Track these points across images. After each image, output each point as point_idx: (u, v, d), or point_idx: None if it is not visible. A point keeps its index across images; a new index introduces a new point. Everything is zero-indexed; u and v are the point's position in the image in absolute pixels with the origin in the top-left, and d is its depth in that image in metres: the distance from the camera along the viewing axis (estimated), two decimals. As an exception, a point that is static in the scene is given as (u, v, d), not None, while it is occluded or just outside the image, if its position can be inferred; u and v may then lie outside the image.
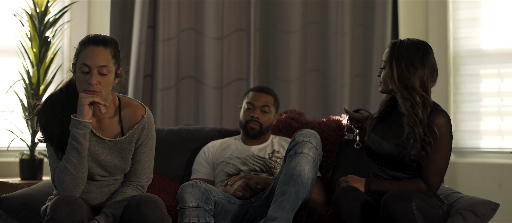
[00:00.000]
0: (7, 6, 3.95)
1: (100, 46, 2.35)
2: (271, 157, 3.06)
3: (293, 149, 2.55)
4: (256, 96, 3.15)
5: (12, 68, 3.93)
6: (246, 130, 3.13)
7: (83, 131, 2.32)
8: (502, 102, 4.18)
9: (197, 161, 3.20)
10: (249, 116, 3.11)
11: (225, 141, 3.23)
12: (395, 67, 2.55)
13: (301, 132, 2.60)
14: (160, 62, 4.01)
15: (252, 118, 3.10)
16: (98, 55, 2.33)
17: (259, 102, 3.12)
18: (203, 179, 3.12)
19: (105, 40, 2.38)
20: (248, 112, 3.13)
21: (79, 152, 2.33)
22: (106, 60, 2.34)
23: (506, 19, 4.18)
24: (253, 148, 3.12)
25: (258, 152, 3.10)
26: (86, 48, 2.35)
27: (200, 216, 2.43)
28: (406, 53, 2.55)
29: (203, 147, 3.25)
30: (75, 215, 2.22)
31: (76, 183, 2.35)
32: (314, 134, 2.60)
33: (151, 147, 2.53)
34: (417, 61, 2.54)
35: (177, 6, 4.05)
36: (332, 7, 4.20)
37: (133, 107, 2.51)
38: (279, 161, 3.05)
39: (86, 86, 2.32)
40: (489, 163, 4.11)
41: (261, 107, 3.11)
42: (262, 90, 3.18)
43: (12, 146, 3.78)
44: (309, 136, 2.57)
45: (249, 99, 3.14)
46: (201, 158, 3.20)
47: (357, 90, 4.28)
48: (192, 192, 2.45)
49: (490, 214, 2.60)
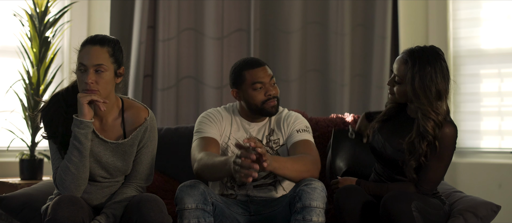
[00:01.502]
0: (7, 6, 3.94)
1: (96, 45, 2.37)
2: (268, 141, 2.82)
3: (301, 214, 2.41)
4: (259, 73, 2.75)
5: (12, 68, 3.93)
6: (266, 111, 2.77)
7: (85, 131, 2.32)
8: (502, 102, 4.18)
9: (201, 123, 2.80)
10: (264, 95, 2.74)
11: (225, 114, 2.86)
12: (418, 89, 2.49)
13: (306, 188, 2.43)
14: (160, 62, 4.01)
15: (270, 97, 2.74)
16: (94, 54, 2.35)
17: (267, 77, 2.75)
18: (213, 138, 2.75)
19: (103, 39, 2.40)
20: (261, 92, 2.74)
21: (81, 151, 2.33)
22: (102, 59, 2.35)
23: (506, 19, 4.18)
24: (253, 128, 2.84)
25: (257, 132, 2.83)
26: (83, 48, 2.38)
27: (200, 217, 2.41)
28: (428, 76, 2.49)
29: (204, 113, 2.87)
30: (76, 215, 2.22)
31: (77, 183, 2.35)
32: (321, 189, 2.44)
33: (152, 149, 2.53)
34: (439, 82, 2.50)
35: (177, 6, 4.04)
36: (332, 7, 4.20)
37: (136, 109, 2.51)
38: (275, 147, 2.81)
39: (83, 85, 2.34)
40: (489, 163, 4.11)
41: (270, 81, 2.76)
42: (259, 63, 2.79)
43: (12, 146, 3.78)
44: (317, 198, 2.41)
45: (255, 79, 2.73)
46: (206, 120, 2.81)
47: (357, 90, 4.29)
48: (191, 193, 2.43)
49: (491, 216, 2.60)
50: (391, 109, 2.71)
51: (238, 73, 2.77)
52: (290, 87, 4.14)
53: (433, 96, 2.48)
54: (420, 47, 2.56)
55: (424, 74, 2.48)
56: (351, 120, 3.36)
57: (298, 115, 2.86)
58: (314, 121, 3.34)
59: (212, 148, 2.68)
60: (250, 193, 2.75)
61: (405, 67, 2.53)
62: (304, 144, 2.73)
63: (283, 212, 2.57)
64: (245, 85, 2.75)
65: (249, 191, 2.75)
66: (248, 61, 2.80)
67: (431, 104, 2.48)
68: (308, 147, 2.72)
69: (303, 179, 2.50)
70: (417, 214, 2.40)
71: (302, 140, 2.73)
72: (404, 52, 2.58)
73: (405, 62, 2.53)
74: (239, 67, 2.78)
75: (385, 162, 2.65)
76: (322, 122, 3.36)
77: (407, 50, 2.57)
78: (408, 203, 2.39)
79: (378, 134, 2.69)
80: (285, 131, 2.81)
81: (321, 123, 3.35)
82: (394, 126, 2.67)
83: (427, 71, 2.48)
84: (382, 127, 2.71)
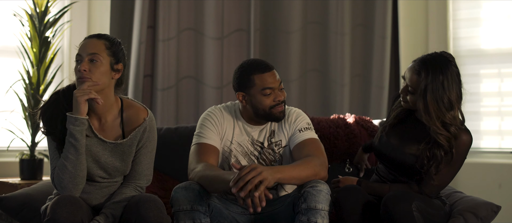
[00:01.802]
0: (7, 6, 3.94)
1: (93, 38, 2.42)
2: (270, 143, 2.77)
3: (306, 215, 2.38)
4: (269, 78, 2.65)
5: (12, 68, 3.93)
6: (274, 116, 2.69)
7: (80, 128, 2.33)
8: (502, 102, 4.18)
9: (203, 125, 2.73)
10: (273, 101, 2.66)
11: (226, 115, 2.79)
12: (430, 103, 2.49)
13: (312, 190, 2.40)
14: (160, 62, 4.00)
15: (278, 102, 2.66)
16: (89, 45, 2.39)
17: (276, 82, 2.67)
18: (213, 146, 2.68)
19: (100, 34, 2.46)
20: (269, 99, 2.65)
21: (77, 149, 2.33)
22: (97, 49, 2.39)
23: (506, 19, 4.18)
24: (255, 131, 2.77)
25: (258, 135, 2.76)
26: (81, 43, 2.43)
27: (196, 218, 2.39)
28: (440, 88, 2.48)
29: (207, 113, 2.79)
30: (75, 215, 2.22)
31: (75, 182, 2.35)
32: (326, 191, 2.41)
33: (151, 149, 2.53)
34: (451, 90, 2.50)
35: (177, 6, 4.04)
36: (332, 7, 4.20)
37: (135, 110, 2.51)
38: (277, 150, 2.75)
39: (77, 74, 2.37)
40: (489, 163, 4.11)
41: (278, 87, 2.68)
42: (269, 67, 2.68)
43: (12, 146, 3.78)
44: (322, 201, 2.38)
45: (265, 85, 2.64)
46: (208, 122, 2.74)
47: (357, 90, 4.29)
48: (186, 194, 2.41)
49: (491, 217, 2.60)
50: (400, 113, 2.70)
51: (246, 77, 2.66)
52: (290, 87, 4.14)
53: (445, 107, 2.48)
54: (431, 55, 2.56)
55: (436, 85, 2.48)
56: (352, 121, 3.35)
57: (299, 111, 2.79)
58: (316, 121, 3.33)
59: (210, 158, 2.62)
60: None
61: (418, 78, 2.52)
62: (309, 143, 2.65)
63: (285, 211, 2.55)
64: (254, 90, 2.65)
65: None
66: (257, 64, 2.67)
67: (444, 116, 2.48)
68: (314, 146, 2.65)
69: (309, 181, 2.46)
70: (418, 214, 2.39)
71: (306, 139, 2.66)
72: (416, 62, 2.56)
73: (418, 73, 2.52)
74: (248, 70, 2.67)
75: (393, 165, 2.65)
76: (323, 122, 3.35)
77: (419, 59, 2.56)
78: (409, 203, 2.38)
79: (387, 137, 2.68)
80: (287, 131, 2.75)
81: (323, 123, 3.34)
82: (405, 130, 2.66)
83: (439, 81, 2.48)
84: (391, 130, 2.70)
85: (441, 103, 2.47)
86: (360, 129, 3.33)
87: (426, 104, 2.48)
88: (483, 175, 4.06)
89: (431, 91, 2.48)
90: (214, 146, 2.67)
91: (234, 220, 2.60)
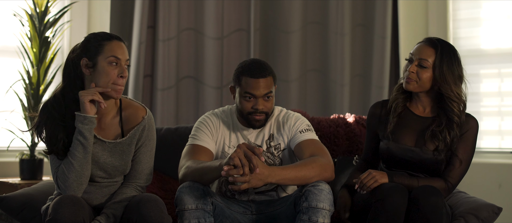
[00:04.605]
0: (7, 6, 3.94)
1: (122, 42, 2.41)
2: (269, 146, 2.74)
3: (307, 214, 2.38)
4: (254, 84, 2.59)
5: (12, 68, 3.93)
6: (250, 122, 2.67)
7: (88, 126, 2.33)
8: (502, 102, 4.18)
9: (198, 129, 2.72)
10: (251, 108, 2.63)
11: (223, 120, 2.77)
12: (446, 73, 2.59)
13: (313, 188, 2.40)
14: (160, 62, 4.00)
15: (256, 110, 2.63)
16: (125, 51, 2.40)
17: (261, 92, 2.60)
18: (206, 148, 2.66)
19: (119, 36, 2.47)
20: (249, 104, 2.63)
21: (85, 147, 2.33)
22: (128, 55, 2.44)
23: (506, 19, 4.18)
24: (252, 134, 2.74)
25: (255, 138, 2.74)
26: (110, 42, 2.37)
27: (200, 217, 2.40)
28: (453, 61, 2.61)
29: (203, 117, 2.77)
30: (77, 215, 2.22)
31: (80, 181, 2.35)
32: (327, 191, 2.40)
33: (151, 148, 2.53)
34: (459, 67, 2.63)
35: (177, 6, 4.04)
36: (332, 7, 4.20)
37: (134, 109, 2.51)
38: (276, 153, 2.73)
39: (115, 79, 2.35)
40: (489, 163, 4.11)
41: (263, 96, 2.62)
42: (260, 74, 2.59)
43: (12, 146, 3.78)
44: (323, 200, 2.38)
45: (247, 89, 2.60)
46: (203, 126, 2.72)
47: (357, 90, 4.29)
48: (190, 193, 2.41)
49: (492, 218, 2.60)
50: (397, 108, 2.70)
51: (238, 74, 2.66)
52: (290, 87, 4.14)
53: (458, 80, 2.60)
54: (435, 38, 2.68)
55: (450, 58, 2.60)
56: (352, 121, 3.36)
57: (297, 114, 2.77)
58: (316, 121, 3.34)
59: (201, 156, 2.62)
60: (252, 199, 2.71)
61: (435, 50, 2.61)
62: (311, 144, 2.63)
63: (286, 211, 2.54)
64: (239, 90, 2.65)
65: (251, 197, 2.71)
66: (250, 67, 2.63)
67: (458, 87, 2.60)
68: (315, 147, 2.62)
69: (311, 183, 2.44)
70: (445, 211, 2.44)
71: (308, 140, 2.64)
72: (427, 39, 2.66)
73: (434, 46, 2.61)
74: (242, 69, 2.66)
75: (409, 165, 2.64)
76: (324, 122, 3.35)
77: (428, 38, 2.66)
78: (441, 197, 2.41)
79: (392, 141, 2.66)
80: (286, 135, 2.72)
81: (323, 123, 3.34)
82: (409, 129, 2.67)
83: (452, 54, 2.61)
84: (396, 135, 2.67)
85: (456, 74, 2.59)
86: (360, 128, 3.34)
87: (443, 74, 2.58)
88: (483, 175, 4.06)
89: (446, 63, 2.58)
90: (207, 148, 2.66)
91: (235, 220, 2.60)
